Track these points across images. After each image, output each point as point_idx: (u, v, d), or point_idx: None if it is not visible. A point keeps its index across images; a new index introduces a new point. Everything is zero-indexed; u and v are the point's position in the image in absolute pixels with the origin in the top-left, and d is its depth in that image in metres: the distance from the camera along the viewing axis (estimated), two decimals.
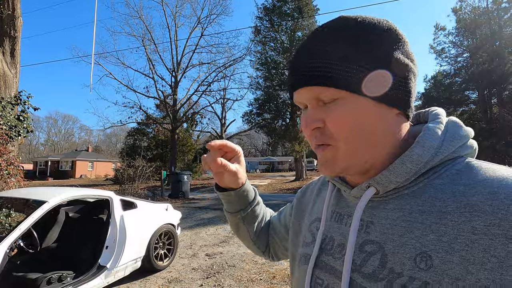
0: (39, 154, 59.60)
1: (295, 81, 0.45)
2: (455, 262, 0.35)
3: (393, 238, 0.41)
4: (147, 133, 27.21)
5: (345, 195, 0.54)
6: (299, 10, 23.15)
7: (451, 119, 0.47)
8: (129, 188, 9.78)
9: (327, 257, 0.50)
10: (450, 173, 0.42)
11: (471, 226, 0.35)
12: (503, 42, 17.77)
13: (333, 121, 0.43)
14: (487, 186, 0.37)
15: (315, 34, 0.45)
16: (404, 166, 0.42)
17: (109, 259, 3.32)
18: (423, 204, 0.41)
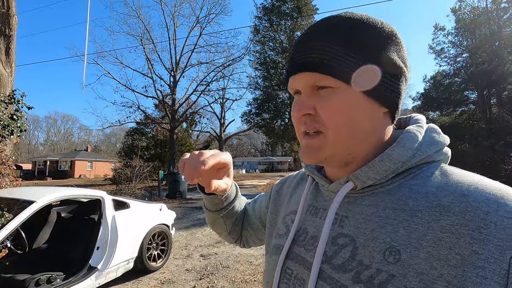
0: (38, 154, 59.56)
1: (294, 65, 0.46)
2: (422, 257, 0.36)
3: (365, 232, 0.43)
4: (146, 133, 27.14)
5: (322, 190, 0.55)
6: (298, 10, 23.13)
7: (431, 126, 0.50)
8: (126, 188, 9.72)
9: (299, 249, 0.51)
10: (424, 175, 0.43)
11: (440, 224, 0.37)
12: (502, 42, 17.73)
13: (325, 109, 0.44)
14: (458, 189, 0.39)
15: (321, 24, 0.46)
16: (383, 163, 0.44)
17: (100, 260, 3.27)
18: (397, 202, 0.43)
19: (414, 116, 0.53)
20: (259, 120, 25.36)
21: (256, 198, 0.83)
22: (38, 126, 70.40)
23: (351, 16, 0.46)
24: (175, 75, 20.87)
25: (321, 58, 0.43)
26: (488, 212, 0.35)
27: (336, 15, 0.47)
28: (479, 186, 0.38)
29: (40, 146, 70.57)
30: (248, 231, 0.80)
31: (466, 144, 17.06)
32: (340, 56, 0.43)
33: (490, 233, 0.34)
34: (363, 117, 0.45)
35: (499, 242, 0.33)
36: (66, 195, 3.26)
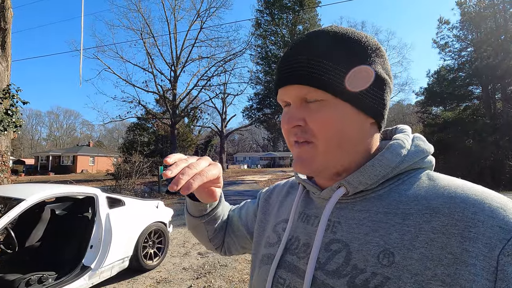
0: (41, 149, 59.86)
1: (284, 78, 0.47)
2: (415, 258, 0.38)
3: (359, 237, 0.44)
4: (147, 128, 27.09)
5: (313, 198, 0.55)
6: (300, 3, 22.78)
7: (416, 135, 0.52)
8: (126, 184, 9.67)
9: (291, 257, 0.51)
10: (412, 181, 0.46)
11: (431, 226, 0.39)
12: (508, 36, 17.37)
13: (315, 121, 0.45)
14: (445, 192, 0.41)
15: (309, 38, 0.47)
16: (374, 168, 0.45)
17: (94, 259, 3.19)
18: (388, 206, 0.44)
19: (400, 127, 0.55)
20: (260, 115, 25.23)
21: (242, 205, 0.81)
22: (40, 121, 70.73)
23: (338, 30, 0.47)
24: (175, 69, 20.71)
25: (310, 71, 0.44)
26: (475, 212, 0.37)
27: (323, 30, 0.48)
28: (465, 189, 0.40)
29: (43, 141, 70.93)
30: (231, 238, 0.77)
31: (470, 140, 16.84)
32: (328, 70, 0.44)
33: (478, 232, 0.35)
34: (351, 128, 0.46)
35: (487, 240, 0.35)
36: (57, 192, 3.17)
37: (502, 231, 0.35)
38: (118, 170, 10.55)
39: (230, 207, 0.83)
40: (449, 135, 17.78)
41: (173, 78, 20.64)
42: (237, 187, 16.56)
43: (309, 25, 24.13)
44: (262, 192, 0.75)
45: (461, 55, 20.26)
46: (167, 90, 20.69)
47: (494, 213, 0.36)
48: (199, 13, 21.08)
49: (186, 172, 0.44)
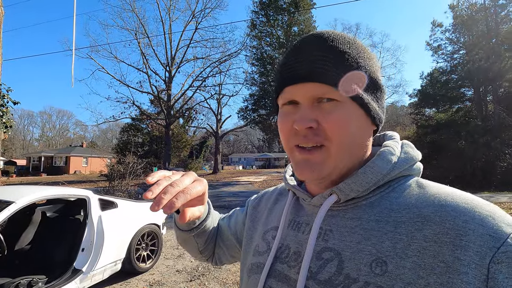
0: (33, 149, 58.95)
1: (297, 74, 0.44)
2: (408, 267, 0.37)
3: (351, 245, 0.43)
4: (142, 129, 26.90)
5: (304, 205, 0.54)
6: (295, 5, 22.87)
7: (405, 141, 0.52)
8: (119, 185, 9.57)
9: (281, 265, 0.50)
10: (403, 188, 0.45)
11: (422, 234, 0.38)
12: (499, 39, 17.67)
13: (331, 123, 0.43)
14: (436, 200, 0.41)
15: (322, 36, 0.46)
16: (366, 176, 0.45)
17: (85, 262, 3.14)
18: (379, 214, 0.44)
19: (389, 133, 0.55)
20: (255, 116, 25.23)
21: (231, 214, 0.79)
22: (33, 122, 69.71)
23: (345, 34, 0.47)
24: (170, 70, 20.63)
25: (330, 70, 0.42)
26: (466, 221, 0.37)
27: (333, 31, 0.47)
28: (455, 197, 0.40)
29: (35, 141, 69.92)
30: (221, 248, 0.76)
31: (462, 141, 17.07)
32: (346, 71, 0.43)
33: (469, 240, 0.36)
34: (360, 133, 0.46)
35: (478, 248, 0.35)
36: (48, 194, 3.11)
37: (492, 240, 0.35)
38: (111, 171, 10.45)
39: (220, 216, 0.81)
40: (442, 137, 17.99)
41: (168, 79, 20.56)
42: (232, 188, 16.52)
43: (304, 26, 24.24)
44: (251, 199, 0.73)
45: (454, 57, 20.55)
46: (162, 90, 20.60)
47: (484, 221, 0.36)
48: (194, 13, 21.07)
49: (168, 191, 0.42)
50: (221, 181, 21.12)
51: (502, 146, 15.60)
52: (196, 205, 0.56)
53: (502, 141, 16.06)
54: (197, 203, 0.56)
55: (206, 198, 0.58)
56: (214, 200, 11.30)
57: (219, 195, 13.18)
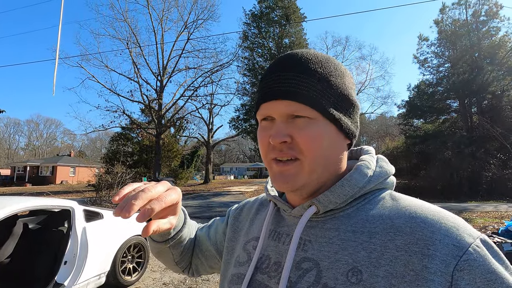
0: (19, 158, 57.33)
1: (272, 92, 0.47)
2: (381, 276, 0.39)
3: (329, 255, 0.45)
4: (132, 138, 26.56)
5: (284, 215, 0.56)
6: (286, 18, 23.39)
7: (380, 156, 0.55)
8: (107, 196, 9.37)
9: (262, 276, 0.51)
10: (377, 200, 0.48)
11: (395, 244, 0.41)
12: (482, 53, 18.41)
13: (303, 137, 0.46)
14: (407, 212, 0.44)
15: (296, 56, 0.48)
16: (343, 188, 0.47)
17: (68, 275, 3.04)
18: (355, 225, 0.46)
19: (365, 148, 0.58)
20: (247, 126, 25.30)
21: (211, 224, 0.77)
22: (19, 130, 68.03)
23: (319, 53, 0.50)
24: (162, 79, 20.61)
25: (302, 89, 0.45)
26: (433, 231, 0.40)
27: (307, 51, 0.50)
28: (423, 209, 0.43)
29: (21, 150, 68.07)
30: (199, 259, 0.74)
31: (449, 152, 17.46)
32: (319, 90, 0.46)
33: (436, 249, 0.38)
34: (333, 148, 0.48)
35: (444, 257, 0.37)
36: (31, 205, 3.03)
37: (455, 249, 0.38)
38: (99, 181, 10.23)
39: (197, 225, 0.79)
40: (429, 147, 18.38)
41: (159, 88, 20.51)
42: (223, 198, 16.36)
43: (295, 38, 24.74)
44: (232, 209, 0.73)
45: (439, 70, 21.24)
46: (153, 100, 20.51)
47: (449, 232, 0.39)
48: (186, 24, 21.27)
49: (140, 196, 0.41)
50: (212, 191, 20.91)
51: (487, 156, 16.04)
52: (167, 215, 0.54)
53: (487, 152, 16.51)
54: (168, 214, 0.54)
55: (179, 208, 0.57)
56: (205, 210, 11.15)
57: (210, 205, 13.03)
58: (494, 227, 6.41)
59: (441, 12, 20.24)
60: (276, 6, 23.91)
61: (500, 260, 0.39)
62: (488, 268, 0.37)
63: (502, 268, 0.38)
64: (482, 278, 0.36)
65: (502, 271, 0.37)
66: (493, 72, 17.45)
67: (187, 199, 16.01)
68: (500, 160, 15.24)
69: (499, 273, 0.37)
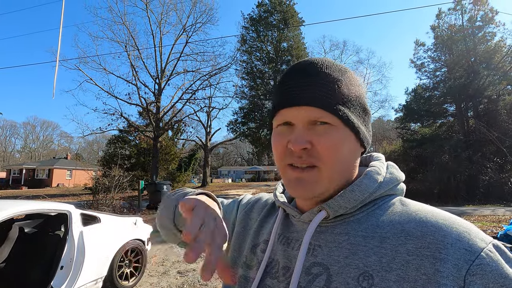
0: (15, 161, 56.86)
1: (296, 98, 0.46)
2: (393, 280, 0.39)
3: (339, 260, 0.45)
4: (129, 141, 26.42)
5: (294, 221, 0.55)
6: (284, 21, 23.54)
7: (390, 163, 0.56)
8: (104, 199, 9.29)
9: (271, 280, 0.50)
10: (387, 206, 0.48)
11: (406, 248, 0.41)
12: (478, 58, 18.60)
13: (324, 145, 0.45)
14: (417, 217, 0.44)
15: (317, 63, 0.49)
16: (354, 193, 0.47)
17: (64, 280, 2.99)
18: (366, 230, 0.46)
19: (375, 154, 0.59)
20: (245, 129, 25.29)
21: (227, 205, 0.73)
22: (15, 132, 67.54)
23: (339, 64, 0.51)
24: (160, 82, 20.59)
25: (324, 95, 0.45)
26: (445, 236, 0.40)
27: (327, 59, 0.50)
28: (434, 214, 0.44)
29: (17, 153, 67.52)
30: None
31: (446, 155, 17.55)
32: (340, 97, 0.46)
33: (448, 253, 0.38)
34: (351, 156, 0.49)
35: (456, 261, 0.38)
36: (27, 209, 2.99)
37: (467, 253, 0.38)
38: (96, 184, 10.16)
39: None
40: (426, 150, 18.46)
41: (157, 91, 20.47)
42: None
43: (293, 42, 24.86)
44: (241, 203, 0.71)
45: (436, 75, 21.42)
46: (151, 103, 20.45)
47: (460, 236, 0.39)
48: (185, 28, 21.30)
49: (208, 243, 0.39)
50: None
51: (484, 160, 16.12)
52: None
53: (484, 155, 16.61)
54: None
55: None
56: None
57: None
58: (493, 231, 6.42)
59: (437, 18, 20.47)
60: (275, 10, 24.05)
61: None
62: (501, 273, 0.37)
63: None
64: (495, 283, 0.36)
65: None
66: (489, 77, 17.63)
67: None
68: (496, 164, 15.32)
69: None
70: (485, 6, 18.44)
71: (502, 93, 17.97)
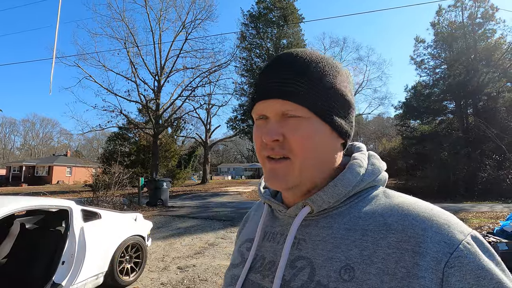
0: (14, 158, 56.83)
1: (268, 92, 0.48)
2: (373, 273, 0.40)
3: (322, 253, 0.45)
4: (129, 138, 26.43)
5: (279, 216, 0.56)
6: (284, 18, 23.44)
7: (371, 153, 0.56)
8: (104, 196, 9.33)
9: (255, 275, 0.51)
10: (370, 198, 0.49)
11: (387, 241, 0.41)
12: (477, 55, 18.58)
13: (295, 137, 0.46)
14: (399, 210, 0.44)
15: (290, 56, 0.49)
16: (336, 188, 0.48)
17: (65, 276, 3.03)
18: (348, 222, 0.46)
19: (357, 144, 0.59)
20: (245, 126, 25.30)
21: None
22: (14, 130, 67.49)
23: (313, 53, 0.50)
24: (159, 79, 20.54)
25: (295, 88, 0.46)
26: (424, 229, 0.40)
27: (301, 50, 0.50)
28: (416, 207, 0.44)
29: (17, 150, 67.50)
30: None
31: (445, 152, 17.59)
32: (309, 88, 0.46)
33: (427, 247, 0.39)
34: (326, 148, 0.49)
35: (435, 254, 0.38)
36: (28, 205, 3.01)
37: (446, 246, 0.39)
38: (96, 181, 10.19)
39: None
40: (426, 148, 18.51)
41: (157, 88, 20.43)
42: (221, 199, 16.35)
43: (293, 39, 24.78)
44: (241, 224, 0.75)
45: (436, 72, 21.41)
46: (150, 100, 20.40)
47: (440, 229, 0.40)
48: (184, 24, 21.20)
49: None
50: (209, 191, 20.88)
51: (482, 157, 16.17)
52: None
53: (482, 152, 16.65)
54: None
55: None
56: (203, 210, 11.13)
57: (207, 205, 13.01)
58: (490, 227, 6.48)
59: (437, 14, 20.41)
60: (274, 7, 23.94)
61: (490, 256, 0.39)
62: (478, 264, 0.38)
63: (493, 264, 0.39)
64: (472, 274, 0.37)
65: (493, 267, 0.38)
66: (488, 74, 17.63)
67: (184, 200, 15.98)
68: (495, 161, 15.35)
69: (489, 269, 0.38)
70: (485, 3, 18.38)
71: (501, 90, 17.97)
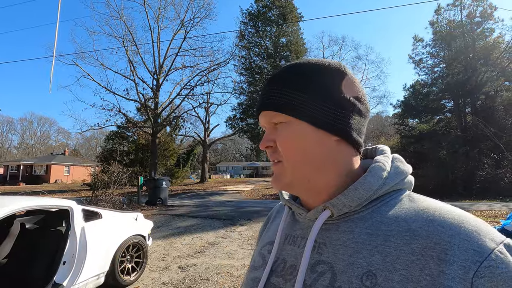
0: (12, 157, 56.53)
1: (258, 106, 0.54)
2: (396, 280, 0.39)
3: (343, 258, 0.45)
4: (127, 137, 26.34)
5: (299, 219, 0.56)
6: (283, 17, 23.40)
7: (395, 156, 0.54)
8: (103, 195, 9.30)
9: (277, 279, 0.51)
10: (394, 202, 0.48)
11: (410, 248, 0.40)
12: (476, 54, 18.61)
13: (281, 141, 0.50)
14: (424, 215, 0.43)
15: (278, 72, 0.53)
16: (357, 191, 0.47)
17: (66, 276, 3.01)
18: (370, 227, 0.46)
19: (380, 147, 0.58)
20: (243, 125, 25.30)
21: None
22: (12, 128, 67.05)
23: (301, 62, 0.52)
24: (158, 78, 20.45)
25: (275, 98, 0.50)
26: (452, 235, 0.39)
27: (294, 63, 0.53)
28: (443, 212, 0.42)
29: (14, 149, 67.12)
30: None
31: (444, 151, 17.64)
32: (289, 96, 0.49)
33: (454, 254, 0.37)
34: (312, 145, 0.49)
35: (463, 262, 0.36)
36: (28, 205, 2.99)
37: (476, 254, 0.36)
38: (95, 180, 10.16)
39: None
40: (424, 146, 18.55)
41: (156, 87, 20.35)
42: (219, 198, 16.34)
43: (292, 38, 24.75)
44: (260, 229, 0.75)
45: (434, 70, 21.43)
46: (149, 98, 20.32)
47: (469, 236, 0.38)
48: (183, 23, 21.11)
49: None
50: (208, 190, 20.87)
51: (481, 156, 16.22)
52: None
53: (481, 151, 16.71)
54: None
55: None
56: (202, 209, 11.12)
57: (206, 204, 13.00)
58: None
59: (436, 13, 20.40)
60: (273, 5, 23.89)
61: None
62: None
63: None
64: (505, 286, 0.35)
65: None
66: (487, 73, 17.67)
67: (183, 198, 15.95)
68: (493, 160, 15.41)
69: None
70: (484, 2, 18.41)
71: (499, 89, 18.02)
